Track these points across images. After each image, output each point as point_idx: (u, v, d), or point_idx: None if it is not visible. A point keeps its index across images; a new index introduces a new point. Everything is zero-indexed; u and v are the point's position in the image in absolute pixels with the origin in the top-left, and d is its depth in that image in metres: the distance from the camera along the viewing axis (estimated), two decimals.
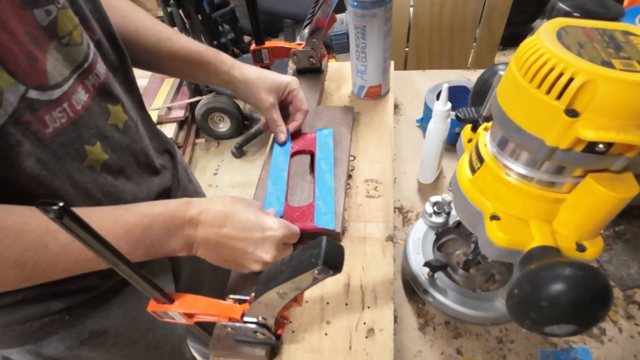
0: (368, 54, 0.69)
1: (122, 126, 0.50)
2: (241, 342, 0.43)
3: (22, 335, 0.49)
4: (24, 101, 0.37)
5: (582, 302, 0.26)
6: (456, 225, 0.54)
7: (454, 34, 1.47)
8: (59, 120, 0.40)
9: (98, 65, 0.47)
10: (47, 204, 0.25)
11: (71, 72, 0.42)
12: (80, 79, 0.44)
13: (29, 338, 0.50)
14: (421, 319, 0.50)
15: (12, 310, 0.47)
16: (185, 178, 0.69)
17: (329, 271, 0.31)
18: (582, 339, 0.47)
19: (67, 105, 0.41)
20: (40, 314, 0.48)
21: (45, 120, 0.39)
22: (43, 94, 0.39)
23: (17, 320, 0.48)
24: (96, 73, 0.46)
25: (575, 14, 0.60)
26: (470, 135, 0.43)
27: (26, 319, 0.48)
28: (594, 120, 0.26)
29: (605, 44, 0.28)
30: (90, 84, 0.45)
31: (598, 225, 0.32)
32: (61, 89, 0.41)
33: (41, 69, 0.39)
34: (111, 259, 0.31)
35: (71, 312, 0.50)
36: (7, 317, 0.47)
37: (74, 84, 0.42)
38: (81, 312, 0.51)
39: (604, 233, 0.57)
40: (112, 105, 0.48)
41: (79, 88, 0.43)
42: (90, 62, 0.45)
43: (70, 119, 0.42)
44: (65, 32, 0.42)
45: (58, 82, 0.40)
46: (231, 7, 2.01)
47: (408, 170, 0.69)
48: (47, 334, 0.50)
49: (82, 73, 0.44)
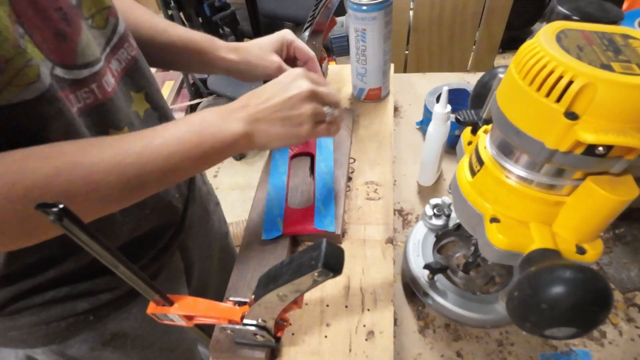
0: (368, 56, 0.69)
1: (143, 114, 0.50)
2: (241, 345, 0.43)
3: (47, 336, 0.49)
4: (53, 77, 0.36)
5: (582, 305, 0.26)
6: (456, 228, 0.54)
7: (453, 36, 1.48)
8: (84, 101, 0.40)
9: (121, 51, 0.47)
10: (47, 205, 0.25)
11: (101, 53, 0.42)
12: (108, 62, 0.44)
13: (54, 338, 0.50)
14: (421, 322, 0.50)
15: (39, 311, 0.47)
16: (200, 179, 0.70)
17: (329, 273, 0.31)
18: (583, 342, 0.47)
19: (96, 86, 0.41)
20: (67, 314, 0.49)
21: (70, 100, 0.38)
22: (69, 72, 0.38)
23: (44, 321, 0.48)
24: (118, 59, 0.46)
25: (574, 17, 0.60)
26: (470, 138, 0.43)
27: (52, 319, 0.48)
28: (594, 123, 0.26)
29: (605, 47, 0.28)
30: (115, 69, 0.45)
31: (598, 227, 0.32)
32: (90, 69, 0.40)
33: (70, 48, 0.38)
34: (110, 261, 0.31)
35: (95, 313, 0.51)
36: (35, 317, 0.48)
37: (104, 66, 0.42)
38: (105, 312, 0.52)
39: (604, 236, 0.57)
40: (134, 92, 0.48)
41: (108, 71, 0.43)
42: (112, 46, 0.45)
43: (98, 100, 0.41)
44: (89, 14, 0.42)
45: (89, 62, 0.40)
46: (232, 10, 2.02)
47: (408, 173, 0.69)
48: (72, 334, 0.51)
49: (108, 55, 0.44)
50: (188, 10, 1.93)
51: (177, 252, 0.61)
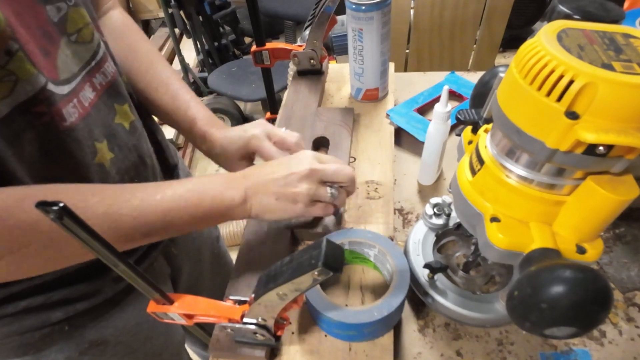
0: (365, 56, 0.69)
1: (129, 126, 0.50)
2: (240, 344, 0.43)
3: (21, 347, 0.48)
4: (44, 93, 0.37)
5: (582, 305, 0.26)
6: (456, 227, 0.54)
7: (454, 36, 1.47)
8: (73, 115, 0.41)
9: (107, 64, 0.47)
10: (47, 204, 0.25)
11: (80, 69, 0.43)
12: (89, 77, 0.44)
13: (28, 349, 0.49)
14: (421, 321, 0.50)
15: (12, 321, 0.46)
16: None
17: (329, 272, 0.31)
18: (582, 341, 0.47)
19: (77, 101, 0.42)
20: (40, 324, 0.48)
21: (62, 114, 0.39)
22: (57, 88, 0.39)
23: (17, 331, 0.47)
24: (103, 72, 0.46)
25: (575, 17, 0.60)
26: (471, 137, 0.43)
27: (26, 329, 0.47)
28: (595, 122, 0.26)
29: (606, 47, 0.28)
30: (98, 82, 0.45)
31: (598, 227, 0.32)
32: (70, 85, 0.41)
33: (53, 64, 0.39)
34: (111, 260, 0.31)
35: (71, 323, 0.50)
36: (7, 328, 0.47)
37: (81, 82, 0.43)
38: (81, 322, 0.51)
39: (604, 235, 0.57)
40: (118, 105, 0.48)
41: (86, 86, 0.43)
42: (98, 60, 0.46)
43: (81, 115, 0.42)
44: (74, 29, 0.42)
45: (67, 78, 0.41)
46: (232, 9, 2.02)
47: (408, 172, 0.69)
48: (47, 344, 0.49)
49: (90, 71, 0.44)
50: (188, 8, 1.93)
51: (161, 257, 0.61)
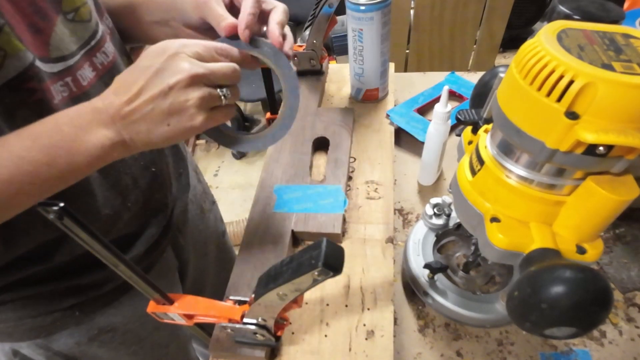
0: (365, 57, 0.69)
1: None
2: (241, 344, 0.43)
3: (33, 329, 0.50)
4: (33, 69, 0.37)
5: (582, 305, 0.26)
6: (456, 227, 0.54)
7: (454, 36, 1.47)
8: (61, 94, 0.40)
9: (107, 44, 0.46)
10: (47, 204, 0.25)
11: (78, 47, 0.42)
12: (88, 56, 0.44)
13: (39, 332, 0.50)
14: (421, 321, 0.50)
15: (24, 304, 0.47)
16: (195, 178, 0.69)
17: (329, 273, 0.31)
18: (582, 342, 0.47)
19: (71, 79, 0.41)
20: (52, 308, 0.49)
21: (51, 91, 0.39)
22: (45, 66, 0.38)
23: (29, 314, 0.48)
24: (104, 52, 0.46)
25: (575, 17, 0.60)
26: (471, 137, 0.43)
27: (38, 313, 0.48)
28: (594, 122, 0.26)
29: (606, 47, 0.28)
30: (99, 62, 0.45)
31: (598, 227, 0.32)
32: (65, 63, 0.40)
33: (43, 41, 0.38)
34: (111, 260, 0.31)
35: (81, 308, 0.51)
36: (20, 311, 0.48)
37: (80, 60, 0.42)
38: (91, 308, 0.52)
39: (604, 235, 0.57)
40: None
41: (86, 65, 0.43)
42: (98, 40, 0.45)
43: (73, 93, 0.41)
44: (71, 8, 0.42)
45: (62, 56, 0.40)
46: None
47: (408, 172, 0.69)
48: (58, 328, 0.51)
49: (90, 50, 0.44)
50: None
51: (170, 250, 0.61)
